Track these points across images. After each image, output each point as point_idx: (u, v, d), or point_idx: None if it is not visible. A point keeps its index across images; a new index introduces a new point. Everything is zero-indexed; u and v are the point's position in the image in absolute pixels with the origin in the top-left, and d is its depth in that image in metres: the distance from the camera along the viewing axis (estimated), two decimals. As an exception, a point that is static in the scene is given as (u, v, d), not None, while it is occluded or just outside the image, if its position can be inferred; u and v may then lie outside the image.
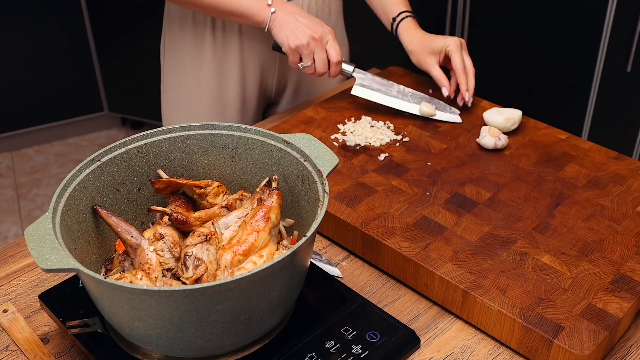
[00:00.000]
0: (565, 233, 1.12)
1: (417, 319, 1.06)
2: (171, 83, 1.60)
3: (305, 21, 1.35)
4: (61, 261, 0.81)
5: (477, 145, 1.33)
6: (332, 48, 1.37)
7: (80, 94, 3.37)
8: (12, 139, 3.34)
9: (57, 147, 3.41)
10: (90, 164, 0.99)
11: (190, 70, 1.55)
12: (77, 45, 3.23)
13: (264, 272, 0.80)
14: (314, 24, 1.35)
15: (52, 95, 3.31)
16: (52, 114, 3.36)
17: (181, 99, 1.59)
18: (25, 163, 3.30)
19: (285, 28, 1.35)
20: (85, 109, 3.43)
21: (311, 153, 0.99)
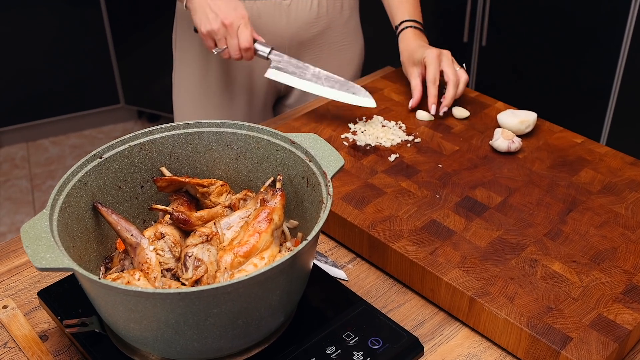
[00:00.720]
0: (577, 240, 1.09)
1: (422, 325, 1.04)
2: (181, 74, 1.59)
3: (219, 4, 1.31)
4: (56, 260, 0.80)
5: (490, 148, 1.30)
6: (242, 34, 1.32)
7: (96, 86, 3.37)
8: (27, 129, 3.35)
9: (73, 139, 3.41)
10: (92, 160, 0.97)
11: (199, 62, 1.53)
12: (94, 37, 3.23)
13: (262, 275, 0.78)
14: (227, 9, 1.31)
15: (68, 87, 3.32)
16: (68, 105, 3.37)
17: (190, 90, 1.58)
18: (40, 154, 3.31)
19: (199, 12, 1.32)
20: (101, 101, 3.43)
21: (316, 154, 0.96)
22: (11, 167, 3.23)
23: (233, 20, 1.31)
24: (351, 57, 1.64)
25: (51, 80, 3.26)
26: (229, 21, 1.31)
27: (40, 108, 3.32)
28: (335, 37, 1.58)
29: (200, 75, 1.55)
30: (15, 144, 3.36)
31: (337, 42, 1.59)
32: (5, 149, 3.34)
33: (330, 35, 1.57)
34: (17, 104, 3.27)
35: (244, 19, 1.32)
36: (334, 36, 1.58)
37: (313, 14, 1.52)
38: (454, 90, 1.38)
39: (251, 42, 1.33)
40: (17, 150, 3.33)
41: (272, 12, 1.48)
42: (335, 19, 1.56)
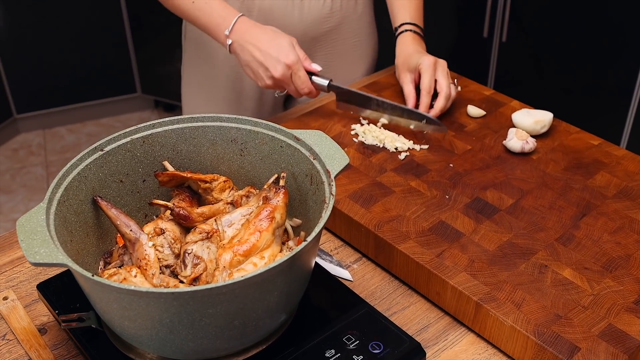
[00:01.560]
0: (589, 246, 1.06)
1: (426, 329, 1.01)
2: (190, 66, 1.57)
3: (263, 57, 1.26)
4: (50, 255, 0.78)
5: (504, 148, 1.27)
6: (298, 81, 1.28)
7: (114, 75, 3.37)
8: (44, 117, 3.36)
9: (89, 127, 3.42)
10: (92, 153, 0.95)
11: (208, 55, 1.51)
12: (112, 26, 3.22)
13: (259, 277, 0.76)
14: (273, 61, 1.26)
15: (86, 76, 3.32)
16: (85, 93, 3.37)
17: (199, 82, 1.56)
18: (56, 142, 3.31)
19: (248, 68, 1.29)
20: (118, 90, 3.43)
21: (321, 151, 0.94)
22: (27, 154, 3.24)
23: (284, 72, 1.26)
24: (365, 53, 1.61)
25: (69, 68, 3.26)
26: (279, 75, 1.26)
27: (57, 96, 3.33)
28: (349, 33, 1.55)
29: (209, 68, 1.53)
30: (32, 130, 3.37)
31: (351, 38, 1.56)
32: (22, 135, 3.35)
33: (343, 31, 1.54)
34: (35, 91, 3.28)
35: (293, 67, 1.26)
36: (348, 32, 1.55)
37: (326, 9, 1.49)
38: (444, 101, 1.32)
39: (309, 86, 1.29)
40: (33, 137, 3.34)
41: (284, 7, 1.45)
42: (349, 15, 1.53)
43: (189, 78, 1.59)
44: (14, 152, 3.25)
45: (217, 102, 1.55)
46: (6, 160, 3.19)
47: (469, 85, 1.47)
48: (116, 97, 3.44)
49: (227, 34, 1.28)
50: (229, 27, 1.28)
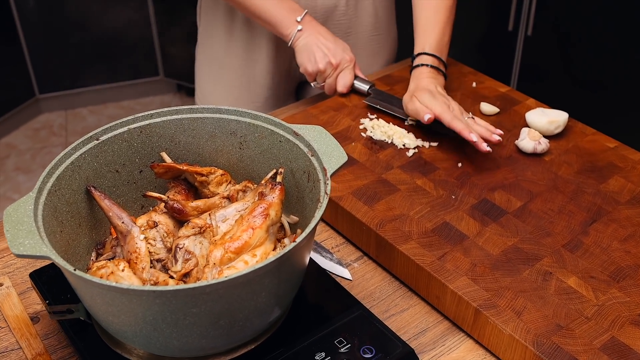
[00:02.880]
0: (597, 254, 1.02)
1: (424, 333, 0.99)
2: (204, 51, 1.55)
3: (327, 44, 1.35)
4: (34, 247, 0.77)
5: (516, 148, 1.23)
6: (343, 78, 1.36)
7: (137, 58, 3.37)
8: (67, 97, 3.37)
9: (111, 109, 3.42)
10: (87, 142, 0.94)
11: (221, 39, 1.49)
12: (136, 9, 3.22)
13: (244, 277, 0.74)
14: (336, 49, 1.35)
15: (108, 57, 3.32)
16: (107, 75, 3.38)
17: (212, 67, 1.54)
18: (77, 123, 3.33)
19: (307, 50, 1.36)
20: (141, 73, 3.43)
21: (319, 148, 0.91)
22: (49, 134, 3.25)
23: (340, 61, 1.35)
24: (382, 46, 1.57)
25: (92, 49, 3.27)
26: (336, 61, 1.35)
27: (80, 77, 3.34)
28: (365, 26, 1.52)
29: (222, 55, 1.51)
30: (54, 111, 3.38)
31: (367, 31, 1.52)
32: (44, 115, 3.37)
33: (358, 23, 1.51)
34: (58, 72, 3.29)
35: (352, 62, 1.37)
36: (363, 24, 1.51)
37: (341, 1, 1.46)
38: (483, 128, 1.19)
39: (349, 88, 1.37)
40: (55, 117, 3.36)
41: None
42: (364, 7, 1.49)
43: (203, 63, 1.57)
44: (35, 132, 3.27)
45: (227, 88, 1.53)
46: (27, 140, 3.21)
47: (484, 81, 1.43)
48: (138, 79, 3.44)
49: (299, 21, 1.36)
50: (301, 15, 1.36)
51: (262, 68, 1.50)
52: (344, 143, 1.24)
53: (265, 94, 1.54)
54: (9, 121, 3.22)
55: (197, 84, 1.60)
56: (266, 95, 1.55)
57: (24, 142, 3.20)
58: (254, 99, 1.55)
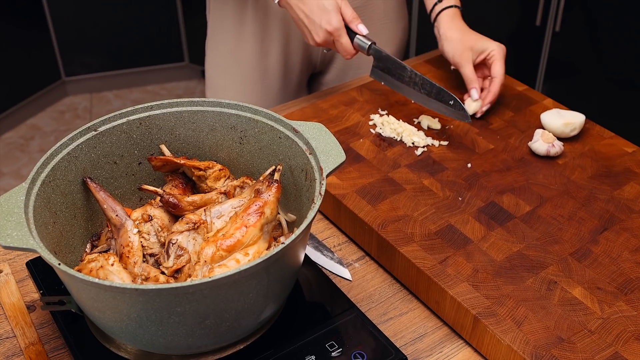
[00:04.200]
0: (606, 264, 0.98)
1: (422, 338, 0.96)
2: (214, 44, 1.53)
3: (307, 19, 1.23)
4: (21, 239, 0.76)
5: (528, 150, 1.19)
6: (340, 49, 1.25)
7: (163, 43, 3.37)
8: (92, 81, 3.39)
9: (136, 94, 3.43)
10: (85, 133, 0.93)
11: (232, 33, 1.47)
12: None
13: (229, 278, 0.72)
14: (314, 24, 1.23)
15: (135, 42, 3.33)
16: (133, 60, 3.38)
17: (223, 61, 1.52)
18: (102, 106, 3.34)
19: (298, 26, 1.26)
20: (166, 58, 3.43)
21: (317, 146, 0.89)
22: (73, 116, 3.27)
23: (325, 38, 1.24)
24: (392, 36, 1.54)
25: (119, 34, 3.28)
26: (320, 40, 1.24)
27: (106, 61, 3.35)
28: (375, 16, 1.48)
29: (233, 47, 1.48)
30: (79, 94, 3.40)
31: (377, 20, 1.49)
32: (69, 98, 3.39)
33: (370, 11, 1.47)
34: (84, 55, 3.30)
35: (335, 34, 1.23)
36: (374, 13, 1.48)
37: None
38: (499, 87, 1.27)
39: (351, 52, 1.25)
40: (80, 100, 3.38)
41: None
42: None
43: (213, 55, 1.55)
44: (60, 114, 3.29)
45: (240, 80, 1.51)
46: (52, 122, 3.23)
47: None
48: (164, 65, 3.44)
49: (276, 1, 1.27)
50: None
51: (275, 61, 1.48)
52: (353, 139, 1.22)
53: (278, 86, 1.52)
54: (34, 103, 3.25)
55: (208, 77, 1.58)
56: (278, 88, 1.53)
57: (48, 124, 3.22)
58: (266, 91, 1.53)
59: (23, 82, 3.17)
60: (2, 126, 3.14)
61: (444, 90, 1.21)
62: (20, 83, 3.16)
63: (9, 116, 3.15)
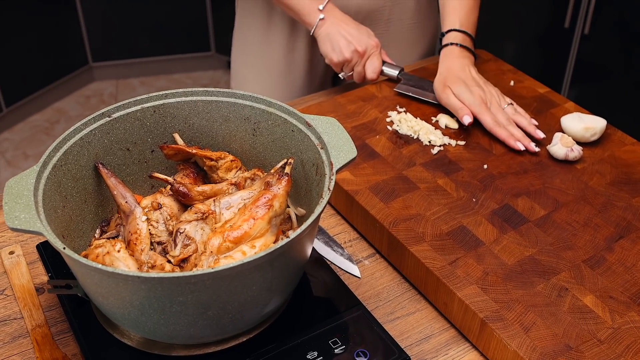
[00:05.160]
0: (620, 273, 0.96)
1: (428, 339, 0.95)
2: (242, 37, 1.53)
3: (350, 32, 1.30)
4: (29, 221, 0.76)
5: (547, 153, 1.18)
6: (372, 65, 1.32)
7: (190, 32, 3.38)
8: (119, 67, 3.41)
9: (161, 81, 3.45)
10: (99, 119, 0.93)
11: (260, 28, 1.47)
12: (191, -18, 3.23)
13: (232, 270, 0.72)
14: (360, 36, 1.30)
15: (162, 30, 3.34)
16: (160, 48, 3.40)
17: (249, 55, 1.52)
18: (128, 93, 3.36)
19: (330, 40, 1.31)
20: (193, 47, 3.44)
21: (329, 141, 0.88)
22: (99, 102, 3.30)
23: (366, 48, 1.30)
24: (421, 35, 1.52)
25: (146, 21, 3.29)
26: (362, 49, 1.30)
27: (133, 48, 3.37)
28: (406, 14, 1.47)
29: (260, 41, 1.48)
30: (105, 80, 3.43)
31: (408, 19, 1.48)
32: (95, 83, 3.41)
33: (399, 10, 1.46)
34: (112, 42, 3.33)
35: (377, 47, 1.32)
36: (404, 12, 1.47)
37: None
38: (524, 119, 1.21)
39: (378, 73, 1.33)
40: (106, 86, 3.40)
41: None
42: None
43: (240, 47, 1.54)
44: (86, 99, 3.32)
45: (266, 75, 1.50)
46: (77, 107, 3.26)
47: (523, 80, 1.37)
48: (190, 54, 3.45)
49: (321, 9, 1.32)
50: (324, 3, 1.32)
51: (301, 57, 1.47)
52: (369, 135, 1.21)
53: (302, 82, 1.51)
54: (61, 87, 3.28)
55: (233, 69, 1.58)
56: (302, 84, 1.52)
57: (74, 109, 3.25)
58: (290, 87, 1.52)
59: (51, 66, 3.20)
60: (29, 109, 3.17)
61: None
62: (48, 67, 3.19)
63: (36, 99, 3.18)
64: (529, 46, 2.48)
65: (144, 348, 0.86)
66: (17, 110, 3.12)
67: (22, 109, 3.14)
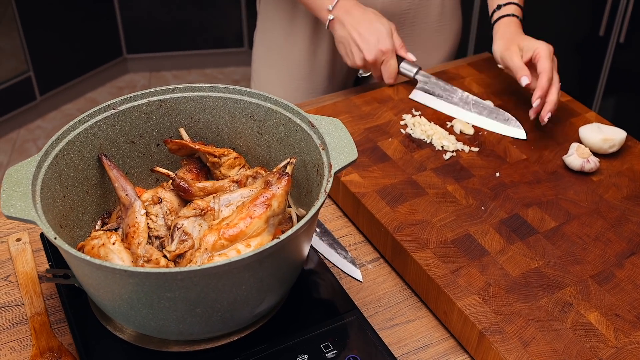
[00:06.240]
0: (629, 290, 0.93)
1: (425, 349, 0.93)
2: (264, 37, 1.52)
3: (364, 36, 1.26)
4: (24, 210, 0.77)
5: (562, 163, 1.15)
6: (387, 69, 1.30)
7: (224, 28, 3.39)
8: (152, 60, 3.44)
9: (194, 75, 3.47)
10: (104, 111, 0.93)
11: (282, 28, 1.46)
12: (227, -22, 3.24)
13: (219, 269, 0.72)
14: (369, 46, 1.26)
15: (197, 24, 3.36)
16: (194, 42, 3.42)
17: (270, 55, 1.51)
18: (160, 85, 3.38)
19: (343, 45, 1.30)
20: (226, 43, 3.45)
21: (331, 142, 0.87)
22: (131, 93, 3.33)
23: (377, 57, 1.28)
24: (446, 38, 1.50)
25: (182, 15, 3.31)
26: (371, 58, 1.28)
27: (167, 41, 3.39)
28: (431, 16, 1.45)
29: (282, 43, 1.47)
30: (139, 72, 3.46)
31: (433, 21, 1.46)
32: (129, 75, 3.45)
33: (424, 13, 1.44)
34: (147, 34, 3.36)
35: (387, 54, 1.28)
36: (429, 14, 1.44)
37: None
38: (556, 95, 1.17)
39: (395, 77, 1.31)
40: (139, 78, 3.43)
41: None
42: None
43: (261, 48, 1.54)
44: (119, 90, 3.35)
45: (288, 76, 1.50)
46: (110, 97, 3.30)
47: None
48: (223, 49, 3.47)
49: (330, 9, 1.29)
50: (333, 3, 1.29)
51: (323, 60, 1.46)
52: (381, 138, 1.19)
53: (324, 85, 1.50)
54: (95, 77, 3.32)
55: (254, 69, 1.58)
56: (324, 87, 1.51)
57: (106, 99, 3.29)
58: (311, 89, 1.51)
59: (86, 57, 3.24)
60: (63, 97, 3.22)
61: (498, 110, 1.23)
62: (82, 57, 3.23)
63: (69, 88, 3.23)
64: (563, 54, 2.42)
65: (137, 342, 0.86)
66: (51, 99, 3.17)
67: (56, 97, 3.19)
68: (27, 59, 2.98)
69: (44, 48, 3.03)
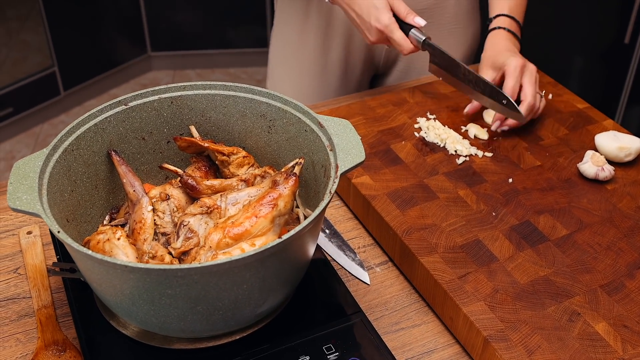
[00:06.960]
0: (638, 301, 0.92)
1: (430, 354, 0.92)
2: (279, 35, 1.52)
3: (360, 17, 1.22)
4: (29, 203, 0.77)
5: (577, 171, 1.13)
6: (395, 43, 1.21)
7: (248, 27, 3.40)
8: (177, 58, 3.46)
9: (217, 74, 3.48)
10: (115, 107, 0.94)
11: (297, 23, 1.46)
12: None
13: (219, 267, 0.71)
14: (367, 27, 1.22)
15: (221, 24, 3.37)
16: (218, 40, 3.43)
17: (285, 53, 1.51)
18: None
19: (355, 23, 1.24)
20: (250, 43, 3.46)
21: (339, 143, 0.87)
22: (154, 91, 3.35)
23: (377, 37, 1.22)
24: (461, 41, 1.49)
25: (206, 14, 3.33)
26: (374, 39, 1.23)
27: (191, 39, 3.41)
28: (446, 18, 1.44)
29: (297, 40, 1.47)
30: (162, 69, 3.48)
31: (449, 23, 1.44)
32: (153, 72, 3.47)
33: (438, 14, 1.43)
34: (171, 32, 3.38)
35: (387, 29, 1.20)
36: (444, 16, 1.43)
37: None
38: (527, 112, 1.17)
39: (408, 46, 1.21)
40: (163, 76, 3.46)
41: None
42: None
43: (276, 46, 1.54)
44: (142, 87, 3.38)
45: (301, 74, 1.49)
46: (133, 95, 3.32)
47: (562, 94, 1.32)
48: (247, 48, 3.48)
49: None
50: None
51: (335, 57, 1.46)
52: (395, 140, 1.19)
53: (337, 84, 1.50)
54: (119, 74, 3.35)
55: (270, 66, 1.58)
56: (337, 85, 1.51)
57: (130, 96, 3.31)
58: (324, 87, 1.51)
59: (110, 53, 3.27)
60: (87, 93, 3.25)
61: (497, 89, 1.18)
62: (107, 54, 3.26)
63: (94, 84, 3.26)
64: (588, 61, 2.40)
65: (140, 338, 0.86)
66: (75, 95, 3.21)
67: (80, 93, 3.22)
68: (52, 55, 3.01)
69: (69, 44, 3.07)
